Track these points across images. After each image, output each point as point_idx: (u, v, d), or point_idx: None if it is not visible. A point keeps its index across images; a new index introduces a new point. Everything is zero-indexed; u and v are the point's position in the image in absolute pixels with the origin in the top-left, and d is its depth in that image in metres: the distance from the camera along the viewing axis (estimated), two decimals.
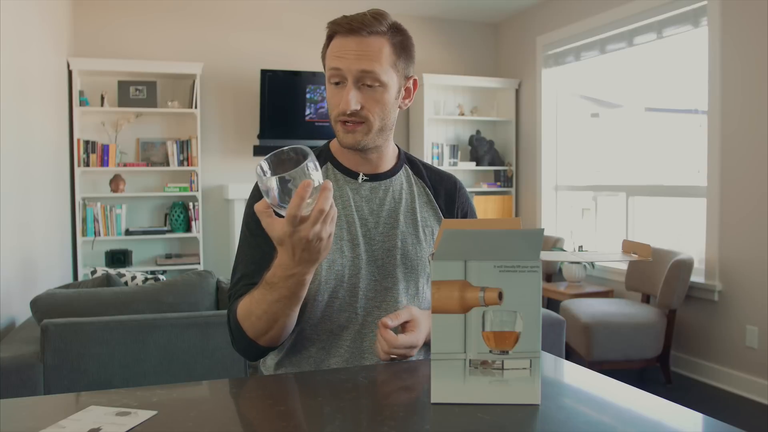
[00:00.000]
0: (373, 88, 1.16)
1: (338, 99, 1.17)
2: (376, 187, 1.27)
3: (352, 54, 1.14)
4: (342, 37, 1.16)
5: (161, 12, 4.84)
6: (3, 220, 2.80)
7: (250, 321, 1.10)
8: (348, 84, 1.15)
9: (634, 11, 4.18)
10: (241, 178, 4.93)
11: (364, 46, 1.15)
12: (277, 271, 1.01)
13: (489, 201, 5.42)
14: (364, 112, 1.16)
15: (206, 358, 2.23)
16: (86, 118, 4.65)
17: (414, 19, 5.47)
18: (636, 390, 0.96)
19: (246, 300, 1.12)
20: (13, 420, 0.84)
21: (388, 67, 1.17)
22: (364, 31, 1.15)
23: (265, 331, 1.09)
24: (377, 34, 1.16)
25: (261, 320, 1.08)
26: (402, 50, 1.20)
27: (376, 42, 1.16)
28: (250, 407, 0.94)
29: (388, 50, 1.17)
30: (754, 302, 3.42)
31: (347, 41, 1.15)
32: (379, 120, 1.18)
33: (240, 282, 1.19)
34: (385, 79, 1.16)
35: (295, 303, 1.06)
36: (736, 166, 3.50)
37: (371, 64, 1.14)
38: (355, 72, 1.14)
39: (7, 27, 2.91)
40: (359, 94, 1.16)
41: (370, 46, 1.15)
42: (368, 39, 1.15)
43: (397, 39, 1.19)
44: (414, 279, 1.24)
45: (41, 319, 2.19)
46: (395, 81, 1.19)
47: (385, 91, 1.17)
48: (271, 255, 1.10)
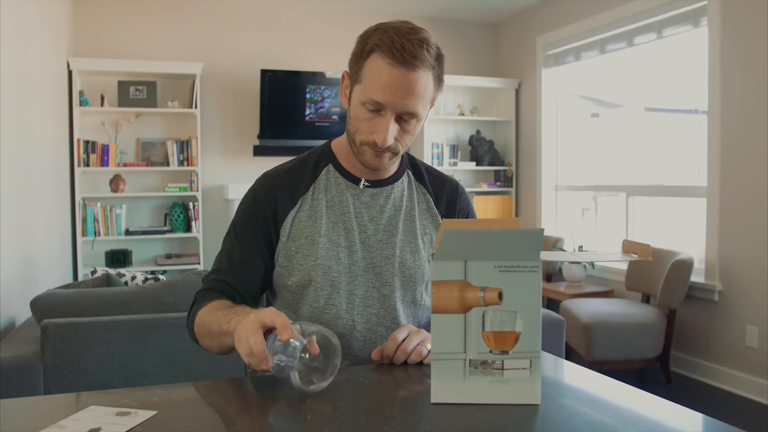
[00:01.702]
0: (408, 122, 1.14)
1: (372, 127, 1.13)
2: (377, 194, 1.25)
3: (400, 91, 1.08)
4: (388, 64, 1.08)
5: (161, 12, 4.84)
6: (3, 220, 2.80)
7: (204, 341, 1.17)
8: (387, 117, 1.11)
9: (634, 11, 4.18)
10: (241, 178, 4.93)
11: (412, 83, 1.08)
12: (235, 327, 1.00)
13: (489, 201, 5.42)
14: (395, 144, 1.15)
15: (206, 358, 2.23)
16: (86, 118, 4.65)
17: (414, 19, 5.43)
18: (636, 390, 0.96)
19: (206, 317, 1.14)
20: (13, 420, 0.84)
21: (428, 101, 1.14)
22: (416, 66, 1.08)
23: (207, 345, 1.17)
24: (426, 68, 1.10)
25: (212, 346, 1.15)
26: (440, 80, 1.15)
27: (423, 78, 1.10)
28: (250, 407, 0.94)
29: (431, 85, 1.13)
30: (754, 302, 3.42)
31: (395, 73, 1.08)
32: (404, 147, 1.19)
33: (213, 274, 1.24)
34: (422, 113, 1.14)
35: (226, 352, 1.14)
36: (736, 166, 3.50)
37: (416, 105, 1.11)
38: (399, 108, 1.10)
39: (7, 27, 2.91)
40: (396, 128, 1.13)
41: (417, 83, 1.09)
42: (417, 74, 1.09)
43: (439, 70, 1.14)
44: (411, 287, 1.23)
45: (41, 319, 2.19)
46: (428, 110, 1.18)
47: (418, 123, 1.16)
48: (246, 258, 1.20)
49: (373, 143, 1.13)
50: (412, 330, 1.10)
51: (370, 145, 1.15)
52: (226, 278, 1.20)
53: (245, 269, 1.21)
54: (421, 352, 1.07)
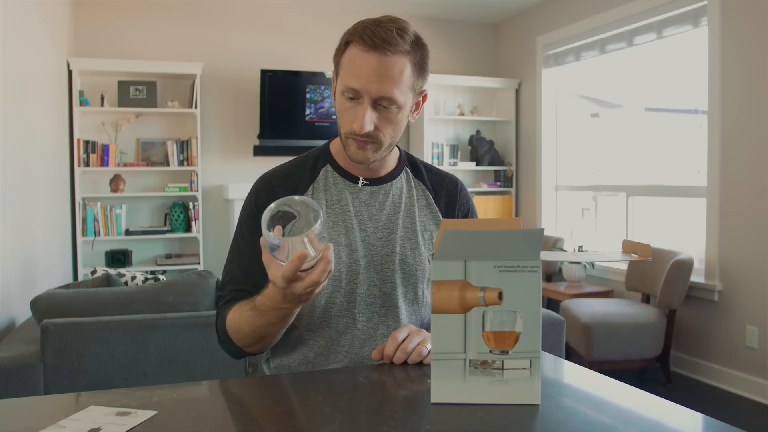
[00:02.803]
0: (388, 109, 1.13)
1: (352, 115, 1.13)
2: (376, 192, 1.25)
3: (373, 75, 1.08)
4: (362, 51, 1.09)
5: (161, 12, 4.84)
6: (3, 220, 2.80)
7: (238, 335, 1.14)
8: (364, 104, 1.10)
9: (634, 11, 4.18)
10: (241, 178, 4.93)
11: (386, 67, 1.08)
12: (266, 301, 1.04)
13: (489, 201, 5.42)
14: (376, 132, 1.14)
15: (206, 358, 2.23)
16: (86, 118, 4.65)
17: (414, 19, 5.48)
18: (636, 390, 0.96)
19: (235, 314, 1.14)
20: (13, 420, 0.84)
21: (407, 88, 1.13)
22: (387, 50, 1.08)
23: (252, 344, 1.14)
24: (401, 53, 1.09)
25: (248, 336, 1.12)
26: (420, 68, 1.15)
27: (398, 63, 1.09)
28: (250, 407, 0.94)
29: (408, 71, 1.11)
30: (754, 302, 3.42)
31: (368, 58, 1.08)
32: (389, 138, 1.17)
33: (228, 286, 1.22)
34: (401, 101, 1.12)
35: (282, 327, 1.10)
36: (736, 166, 3.50)
37: (391, 90, 1.09)
38: (374, 93, 1.09)
39: (7, 27, 2.91)
40: (374, 115, 1.12)
41: (392, 67, 1.09)
42: (391, 59, 1.08)
43: (418, 56, 1.13)
44: (412, 284, 1.23)
45: (41, 319, 2.19)
46: (410, 100, 1.16)
47: (400, 112, 1.14)
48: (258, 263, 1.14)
49: (354, 132, 1.13)
50: (412, 330, 1.10)
51: (352, 135, 1.14)
52: (242, 287, 1.19)
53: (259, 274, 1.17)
54: (421, 352, 1.07)
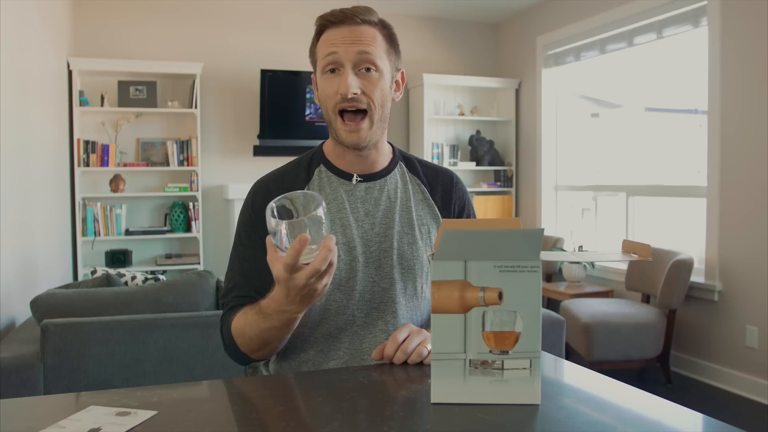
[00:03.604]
0: (370, 73, 1.17)
1: (335, 85, 1.16)
2: (371, 188, 1.25)
3: (348, 39, 1.15)
4: (335, 27, 1.17)
5: (161, 12, 4.84)
6: (3, 220, 2.80)
7: (243, 340, 1.14)
8: (345, 69, 1.15)
9: (634, 11, 4.18)
10: (241, 178, 4.93)
11: (358, 33, 1.16)
12: (271, 303, 1.04)
13: (489, 201, 5.42)
14: (363, 97, 1.16)
15: (206, 358, 2.23)
16: (86, 118, 4.65)
17: (414, 19, 5.48)
18: (636, 390, 0.96)
19: (240, 319, 1.14)
20: (13, 420, 0.84)
21: (383, 53, 1.19)
22: (357, 19, 1.16)
23: (257, 349, 1.14)
24: (369, 23, 1.18)
25: (253, 341, 1.12)
26: (392, 42, 1.22)
27: (368, 30, 1.17)
28: (250, 407, 0.94)
29: (380, 38, 1.19)
30: (754, 302, 3.42)
31: (340, 30, 1.16)
32: (378, 107, 1.18)
33: (231, 293, 1.22)
34: (381, 65, 1.18)
35: (286, 333, 1.10)
36: (736, 166, 3.50)
37: (368, 47, 1.16)
38: (352, 56, 1.15)
39: (7, 27, 2.91)
40: (357, 80, 1.16)
41: (364, 32, 1.17)
42: (361, 27, 1.17)
43: (387, 31, 1.21)
44: (411, 279, 1.23)
45: (41, 319, 2.19)
46: (389, 69, 1.20)
47: (381, 77, 1.18)
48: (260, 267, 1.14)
49: (341, 99, 1.15)
50: (412, 330, 1.10)
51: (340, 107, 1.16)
52: (245, 293, 1.19)
53: (261, 278, 1.17)
54: (421, 352, 1.07)
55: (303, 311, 1.04)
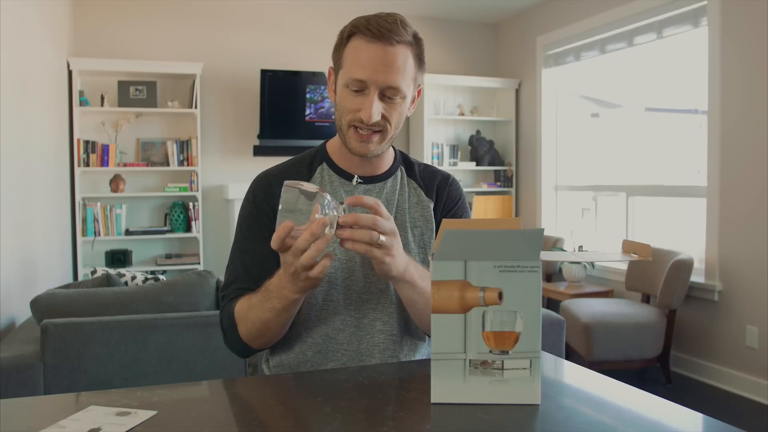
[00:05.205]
0: (393, 100, 1.14)
1: (355, 105, 1.14)
2: (370, 190, 1.26)
3: (380, 65, 1.10)
4: (366, 42, 1.11)
5: (161, 12, 4.84)
6: (3, 220, 2.80)
7: (245, 324, 1.14)
8: (371, 95, 1.12)
9: (634, 11, 4.18)
10: (241, 178, 4.93)
11: (391, 57, 1.11)
12: (274, 279, 1.07)
13: (489, 201, 5.42)
14: (383, 122, 1.15)
15: (206, 358, 2.23)
16: (86, 118, 4.65)
17: (414, 19, 5.47)
18: (636, 390, 0.96)
19: (244, 303, 1.15)
20: (13, 420, 0.84)
21: (410, 79, 1.15)
22: (392, 39, 1.10)
23: (257, 336, 1.14)
24: (404, 44, 1.12)
25: (254, 326, 1.13)
26: (420, 61, 1.17)
27: (402, 53, 1.12)
28: (250, 407, 0.94)
29: (411, 62, 1.14)
30: (754, 302, 3.42)
31: (374, 48, 1.11)
32: (394, 129, 1.18)
33: (231, 285, 1.22)
34: (405, 91, 1.15)
35: (286, 318, 1.11)
36: (736, 166, 3.50)
37: (396, 79, 1.11)
38: (380, 84, 1.11)
39: (7, 27, 2.91)
40: (381, 105, 1.13)
41: (397, 57, 1.11)
42: (395, 48, 1.11)
43: (417, 50, 1.16)
44: None
45: (41, 319, 2.19)
46: (411, 91, 1.18)
47: (404, 102, 1.16)
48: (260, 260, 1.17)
49: (360, 120, 1.14)
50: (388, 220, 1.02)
51: (356, 124, 1.15)
52: (245, 285, 1.20)
53: (262, 272, 1.18)
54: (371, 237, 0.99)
55: (300, 295, 1.05)
